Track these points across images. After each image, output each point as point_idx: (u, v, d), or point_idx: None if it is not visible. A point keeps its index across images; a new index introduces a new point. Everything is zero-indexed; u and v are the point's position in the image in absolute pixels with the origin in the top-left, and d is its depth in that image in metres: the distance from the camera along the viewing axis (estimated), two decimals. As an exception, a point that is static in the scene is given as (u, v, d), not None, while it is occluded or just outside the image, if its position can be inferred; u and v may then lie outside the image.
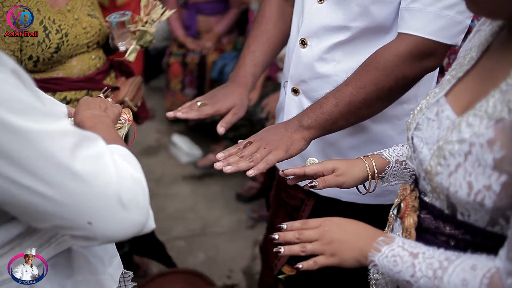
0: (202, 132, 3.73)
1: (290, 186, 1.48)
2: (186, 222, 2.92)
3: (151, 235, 2.41)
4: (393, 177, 1.10)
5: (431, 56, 1.16)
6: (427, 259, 0.80)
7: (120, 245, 2.23)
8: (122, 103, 1.66)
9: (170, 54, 3.73)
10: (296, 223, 0.93)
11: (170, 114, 1.32)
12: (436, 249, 0.82)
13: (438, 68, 1.33)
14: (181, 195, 3.18)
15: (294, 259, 1.53)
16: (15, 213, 0.76)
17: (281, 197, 1.55)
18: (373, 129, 1.33)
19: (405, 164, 1.08)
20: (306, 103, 1.32)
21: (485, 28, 0.90)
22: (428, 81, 1.31)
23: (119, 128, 1.16)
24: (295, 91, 1.38)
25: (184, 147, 3.53)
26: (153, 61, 4.09)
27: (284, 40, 1.47)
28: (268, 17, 1.46)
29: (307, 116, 1.19)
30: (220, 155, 1.17)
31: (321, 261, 0.89)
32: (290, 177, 1.14)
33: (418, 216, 0.91)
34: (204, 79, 3.65)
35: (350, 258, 0.88)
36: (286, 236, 0.92)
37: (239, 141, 1.23)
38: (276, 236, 0.93)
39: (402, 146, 1.12)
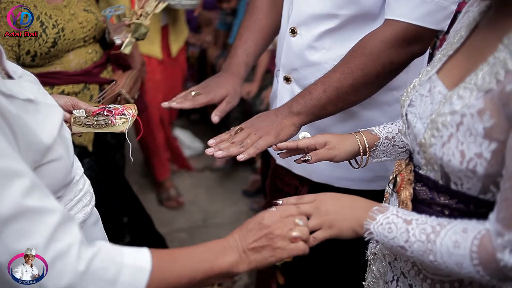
0: (204, 125, 3.76)
1: (284, 174, 1.51)
2: (188, 214, 2.96)
3: (151, 229, 2.44)
4: (383, 153, 1.13)
5: (418, 42, 1.18)
6: (420, 225, 0.84)
7: (120, 236, 2.27)
8: (119, 95, 1.69)
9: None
10: (292, 199, 0.96)
11: (165, 104, 1.35)
12: (429, 216, 0.86)
13: (428, 55, 1.36)
14: (183, 188, 3.21)
15: None
16: None
17: (276, 185, 1.58)
18: (363, 115, 1.36)
19: (394, 141, 1.12)
20: (298, 91, 1.35)
21: (473, 9, 0.94)
22: (418, 68, 1.32)
23: (123, 122, 1.19)
24: (287, 79, 1.41)
25: (186, 141, 3.56)
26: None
27: (276, 29, 1.50)
28: (259, 7, 1.48)
29: (296, 102, 1.22)
30: (211, 141, 1.20)
31: (319, 235, 0.92)
32: (283, 151, 1.16)
33: (414, 189, 0.94)
34: (205, 73, 3.67)
35: (347, 228, 0.91)
36: (302, 206, 0.94)
37: (231, 128, 1.25)
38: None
39: (392, 124, 1.15)
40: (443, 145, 0.83)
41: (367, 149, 1.10)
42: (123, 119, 1.18)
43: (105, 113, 1.20)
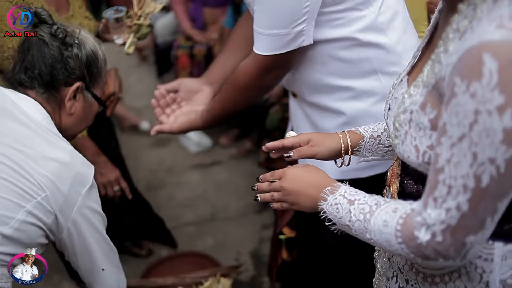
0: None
1: (277, 165, 1.57)
2: (196, 209, 3.00)
3: (153, 216, 2.48)
4: (369, 152, 1.16)
5: (276, 67, 1.34)
6: (360, 205, 0.89)
7: (119, 216, 2.28)
8: (112, 95, 1.77)
9: (178, 47, 3.80)
10: (267, 175, 1.06)
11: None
12: (372, 195, 0.91)
13: (394, 35, 1.38)
14: (191, 183, 3.26)
15: (293, 222, 1.72)
16: None
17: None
18: (347, 107, 1.41)
19: (380, 140, 1.14)
20: (306, 107, 1.49)
21: (439, 7, 0.95)
22: (385, 54, 1.36)
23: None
24: (293, 95, 1.54)
25: (194, 137, 3.60)
26: (164, 56, 4.16)
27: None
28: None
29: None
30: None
31: (285, 206, 1.04)
32: (273, 151, 1.20)
33: (402, 182, 0.98)
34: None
35: (307, 207, 0.99)
36: (260, 186, 1.08)
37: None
38: (255, 187, 1.09)
39: (378, 123, 1.18)
40: (402, 143, 0.87)
41: (350, 147, 1.14)
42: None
43: None
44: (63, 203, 1.06)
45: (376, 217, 0.85)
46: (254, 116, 3.04)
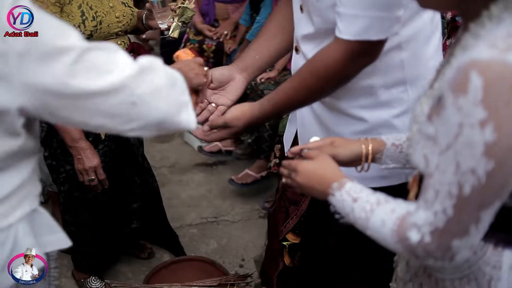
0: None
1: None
2: (199, 210, 2.93)
3: (165, 224, 2.42)
4: (390, 160, 1.16)
5: (365, 55, 1.23)
6: (363, 203, 0.93)
7: (128, 222, 2.25)
8: None
9: (187, 41, 3.71)
10: (285, 162, 1.11)
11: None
12: (376, 193, 0.94)
13: (431, 49, 1.37)
14: (195, 182, 3.18)
15: (297, 229, 1.69)
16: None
17: None
18: (368, 116, 1.37)
19: (401, 148, 1.15)
20: (319, 108, 1.44)
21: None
22: (416, 63, 1.34)
23: None
24: None
25: (198, 134, 3.53)
26: (170, 48, 4.07)
27: (279, 52, 1.55)
28: (267, 29, 1.55)
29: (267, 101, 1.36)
30: None
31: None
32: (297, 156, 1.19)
33: (419, 187, 0.98)
34: (221, 66, 3.63)
35: (320, 198, 1.03)
36: (283, 172, 1.11)
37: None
38: (281, 170, 1.13)
39: (402, 133, 1.21)
40: (414, 153, 0.91)
41: (371, 154, 1.14)
42: None
43: None
44: None
45: (376, 216, 0.89)
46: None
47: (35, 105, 0.85)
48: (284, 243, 1.74)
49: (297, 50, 1.42)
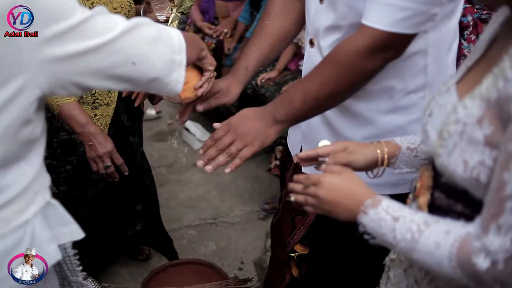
0: (215, 118, 3.67)
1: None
2: (198, 211, 2.89)
3: (160, 227, 2.38)
4: (404, 164, 1.11)
5: (391, 48, 1.17)
6: (407, 223, 0.85)
7: (132, 224, 2.21)
8: None
9: (186, 39, 3.66)
10: (302, 178, 1.02)
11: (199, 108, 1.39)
12: (418, 213, 0.87)
13: (452, 56, 1.34)
14: (193, 182, 3.14)
15: (306, 239, 1.64)
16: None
17: None
18: (382, 120, 1.34)
19: (416, 152, 1.10)
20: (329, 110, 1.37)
21: (497, 19, 0.93)
22: (438, 70, 1.30)
23: None
24: None
25: (197, 134, 3.49)
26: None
27: (285, 34, 1.50)
28: (268, 12, 1.50)
29: (279, 112, 1.25)
30: (201, 151, 1.25)
31: (320, 212, 1.00)
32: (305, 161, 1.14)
33: (432, 195, 0.95)
34: (220, 64, 3.59)
35: (343, 216, 0.95)
36: (294, 187, 1.03)
37: (214, 124, 1.27)
38: (291, 186, 1.04)
39: (414, 135, 1.14)
40: (449, 155, 0.84)
41: (386, 158, 1.09)
42: None
43: None
44: None
45: (427, 238, 0.82)
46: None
47: (51, 82, 0.87)
48: (292, 254, 1.69)
49: (312, 43, 1.37)
